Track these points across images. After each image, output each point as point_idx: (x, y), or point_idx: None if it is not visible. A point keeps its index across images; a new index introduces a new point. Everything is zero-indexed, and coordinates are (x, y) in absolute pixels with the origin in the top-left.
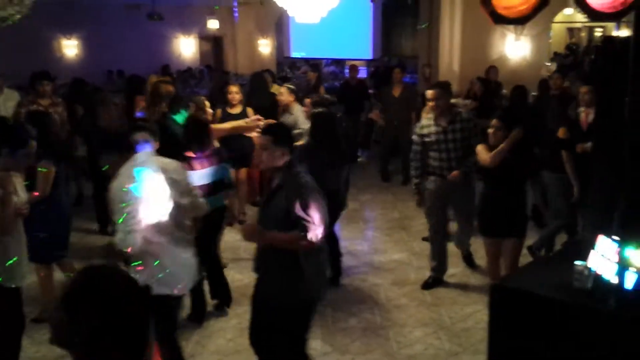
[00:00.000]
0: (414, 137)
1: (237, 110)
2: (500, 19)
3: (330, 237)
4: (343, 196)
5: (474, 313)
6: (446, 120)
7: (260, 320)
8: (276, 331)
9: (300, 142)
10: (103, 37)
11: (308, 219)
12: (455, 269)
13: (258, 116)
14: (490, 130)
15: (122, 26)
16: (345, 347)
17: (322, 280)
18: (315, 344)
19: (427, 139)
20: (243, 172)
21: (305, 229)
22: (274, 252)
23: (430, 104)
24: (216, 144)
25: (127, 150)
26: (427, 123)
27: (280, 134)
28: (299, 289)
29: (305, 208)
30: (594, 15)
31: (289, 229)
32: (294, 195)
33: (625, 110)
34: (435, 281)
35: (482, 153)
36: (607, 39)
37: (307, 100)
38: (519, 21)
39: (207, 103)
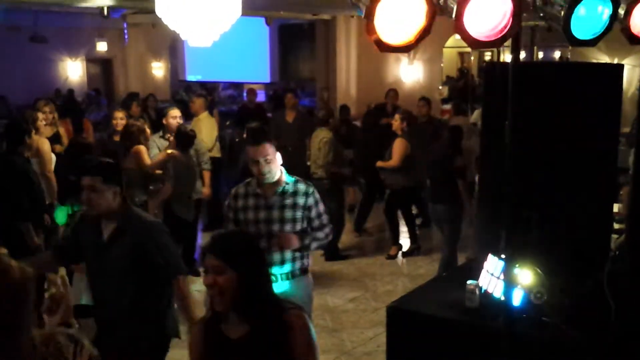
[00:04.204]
0: (224, 210)
1: None
2: (385, 47)
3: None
4: None
5: (376, 336)
6: (272, 189)
7: None
8: None
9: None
10: None
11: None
12: (356, 293)
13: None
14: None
15: (2, 49)
16: None
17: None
18: None
19: (241, 216)
20: None
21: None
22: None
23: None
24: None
25: None
26: (243, 191)
27: (109, 171)
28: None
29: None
30: (475, 44)
31: (138, 280)
32: (146, 240)
33: (505, 134)
34: None
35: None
36: (489, 64)
37: (397, 115)
38: (403, 49)
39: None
